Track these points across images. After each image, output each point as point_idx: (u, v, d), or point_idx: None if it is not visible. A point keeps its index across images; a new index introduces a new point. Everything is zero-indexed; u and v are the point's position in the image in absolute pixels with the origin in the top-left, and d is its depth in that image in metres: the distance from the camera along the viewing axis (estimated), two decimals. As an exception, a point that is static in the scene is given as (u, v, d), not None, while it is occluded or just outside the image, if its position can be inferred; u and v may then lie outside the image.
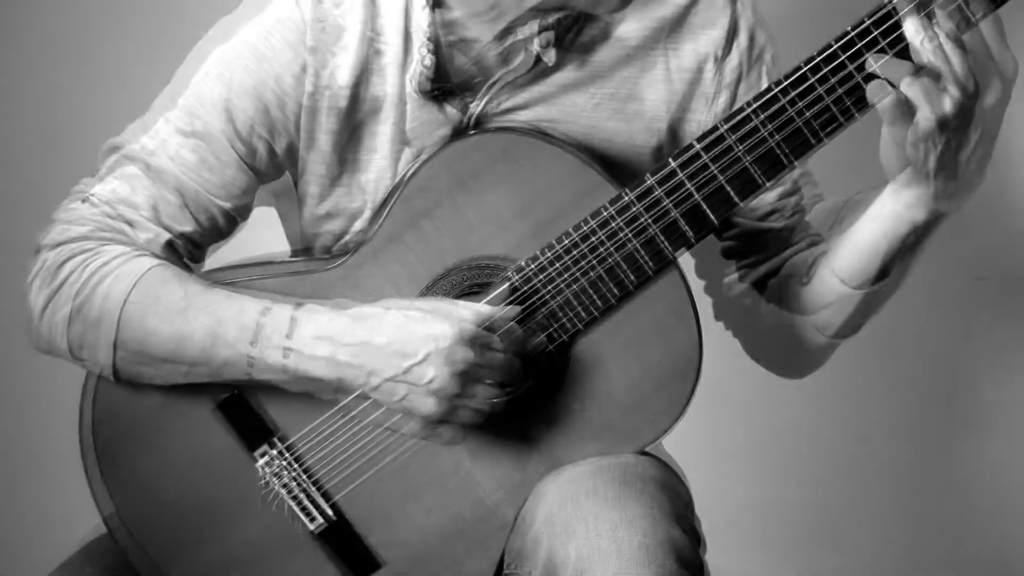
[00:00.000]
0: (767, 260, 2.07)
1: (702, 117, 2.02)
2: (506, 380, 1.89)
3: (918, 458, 2.87)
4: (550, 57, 1.95)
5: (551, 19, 1.93)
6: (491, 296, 1.92)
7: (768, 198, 2.04)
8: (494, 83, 1.96)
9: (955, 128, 1.80)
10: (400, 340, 1.85)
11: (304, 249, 2.05)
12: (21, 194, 2.75)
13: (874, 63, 1.81)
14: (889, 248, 1.91)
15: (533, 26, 1.94)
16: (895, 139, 1.83)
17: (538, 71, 1.96)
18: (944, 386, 2.86)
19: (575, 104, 1.98)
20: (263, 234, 2.11)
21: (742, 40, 2.02)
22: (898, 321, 2.76)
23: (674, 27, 2.00)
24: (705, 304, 2.06)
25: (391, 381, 1.86)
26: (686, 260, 2.00)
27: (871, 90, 1.81)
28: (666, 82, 2.00)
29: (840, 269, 1.95)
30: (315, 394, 1.90)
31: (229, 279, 1.95)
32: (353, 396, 1.90)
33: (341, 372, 1.87)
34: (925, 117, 1.79)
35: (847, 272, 1.95)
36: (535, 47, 1.94)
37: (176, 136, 1.95)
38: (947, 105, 1.79)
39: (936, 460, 2.87)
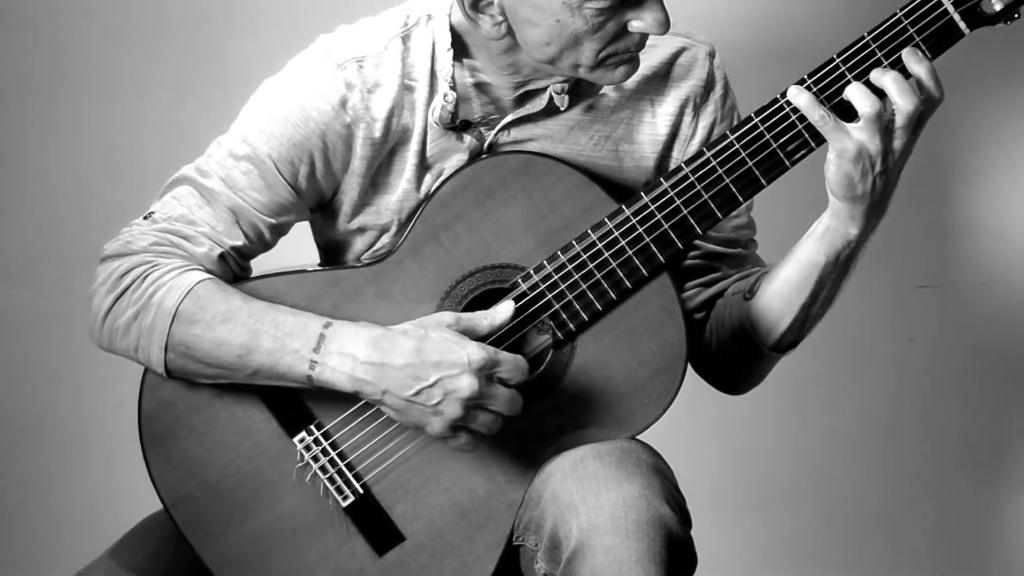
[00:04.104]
0: (719, 281, 2.09)
1: (679, 156, 2.04)
2: (507, 412, 1.88)
3: (868, 445, 2.89)
4: (563, 102, 1.97)
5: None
6: (496, 310, 1.92)
7: (726, 229, 2.06)
8: (508, 119, 1.98)
9: (890, 154, 1.86)
10: (415, 364, 1.86)
11: (335, 258, 2.06)
12: (90, 212, 2.76)
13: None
14: (827, 261, 1.93)
15: (547, 80, 1.96)
16: (836, 159, 1.86)
17: (549, 110, 1.98)
18: (888, 380, 2.88)
19: (578, 143, 2.00)
20: (296, 245, 2.11)
21: (717, 91, 2.04)
22: (847, 324, 2.79)
23: (661, 76, 2.02)
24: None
25: (402, 400, 1.87)
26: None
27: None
28: (652, 126, 2.03)
29: (782, 282, 1.97)
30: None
31: (269, 288, 1.95)
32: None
33: (359, 387, 1.87)
34: (874, 140, 1.84)
35: (788, 285, 1.97)
36: (551, 91, 1.96)
37: (228, 159, 1.95)
38: (900, 134, 1.85)
39: (884, 445, 2.89)
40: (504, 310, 1.92)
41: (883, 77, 1.85)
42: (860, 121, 1.84)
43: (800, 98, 1.87)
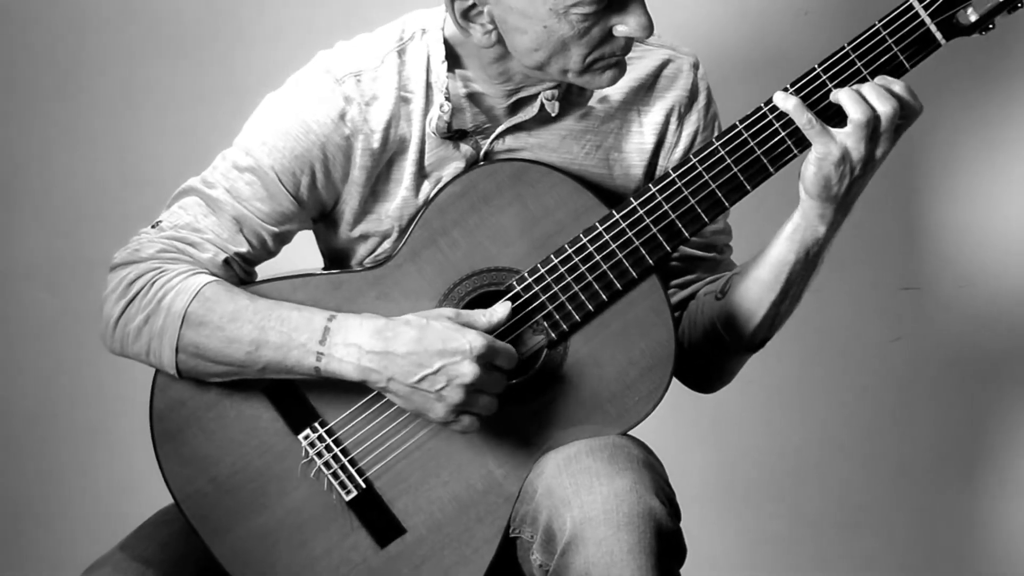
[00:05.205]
0: (693, 283, 2.10)
1: (664, 163, 2.05)
2: (500, 394, 1.92)
3: (852, 443, 2.88)
4: (553, 108, 1.98)
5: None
6: (494, 310, 1.94)
7: (704, 234, 2.07)
8: (503, 128, 1.99)
9: (872, 161, 1.88)
10: (418, 352, 1.88)
11: (339, 266, 2.07)
12: (108, 217, 2.76)
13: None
14: (796, 259, 1.95)
15: (538, 87, 1.97)
16: (818, 161, 1.88)
17: (542, 119, 1.99)
18: (872, 380, 2.88)
19: (570, 151, 2.01)
20: (302, 250, 2.12)
21: (701, 101, 2.05)
22: (833, 325, 2.80)
23: (648, 87, 2.03)
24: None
25: (407, 386, 1.89)
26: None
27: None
28: (639, 135, 2.04)
29: (753, 282, 1.99)
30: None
31: (274, 292, 1.97)
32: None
33: (365, 376, 1.89)
34: (858, 148, 1.86)
35: (758, 284, 1.98)
36: (541, 98, 1.97)
37: (232, 171, 1.97)
38: (881, 144, 1.87)
39: (867, 444, 2.89)
40: (501, 309, 1.94)
41: (862, 86, 1.87)
42: (848, 126, 1.86)
43: (788, 103, 1.88)
